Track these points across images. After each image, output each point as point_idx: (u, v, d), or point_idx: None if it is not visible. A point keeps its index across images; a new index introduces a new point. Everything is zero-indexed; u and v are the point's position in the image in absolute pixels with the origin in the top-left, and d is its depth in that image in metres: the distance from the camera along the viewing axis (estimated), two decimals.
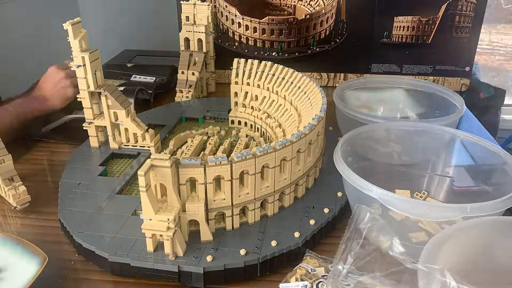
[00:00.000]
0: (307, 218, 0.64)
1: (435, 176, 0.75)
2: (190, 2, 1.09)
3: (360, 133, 0.74)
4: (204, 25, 1.08)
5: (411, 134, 0.78)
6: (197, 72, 1.08)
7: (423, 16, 1.16)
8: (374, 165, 0.75)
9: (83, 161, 0.80)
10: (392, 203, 0.57)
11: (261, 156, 0.60)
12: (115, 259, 0.57)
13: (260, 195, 0.62)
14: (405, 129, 0.78)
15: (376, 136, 0.76)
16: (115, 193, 0.70)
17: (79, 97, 0.80)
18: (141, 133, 0.81)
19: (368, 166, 0.73)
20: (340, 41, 1.23)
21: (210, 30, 1.10)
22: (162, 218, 0.55)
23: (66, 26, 0.72)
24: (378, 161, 0.77)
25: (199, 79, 1.09)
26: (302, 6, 1.21)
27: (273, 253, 0.58)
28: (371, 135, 0.76)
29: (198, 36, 1.09)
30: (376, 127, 0.77)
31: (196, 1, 1.09)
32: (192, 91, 1.07)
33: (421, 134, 0.77)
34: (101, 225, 0.63)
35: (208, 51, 1.12)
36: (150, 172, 0.54)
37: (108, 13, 1.73)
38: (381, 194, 0.57)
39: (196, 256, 0.57)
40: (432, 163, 0.77)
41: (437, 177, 0.75)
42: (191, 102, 1.05)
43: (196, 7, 1.09)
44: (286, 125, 0.82)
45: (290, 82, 0.86)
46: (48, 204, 0.73)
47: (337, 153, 0.66)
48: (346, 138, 0.71)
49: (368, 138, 0.75)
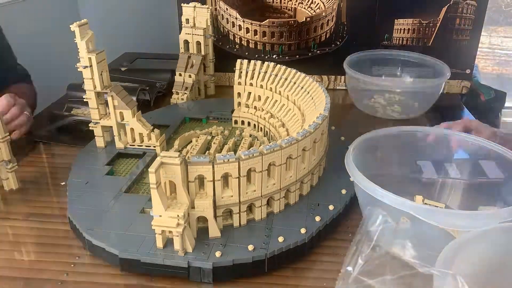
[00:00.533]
0: (313, 215, 0.65)
1: (448, 181, 0.74)
2: (190, 5, 1.10)
3: (370, 138, 0.72)
4: (203, 28, 1.09)
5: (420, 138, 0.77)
6: (194, 75, 1.09)
7: (424, 18, 1.18)
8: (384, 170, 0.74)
9: (89, 161, 0.81)
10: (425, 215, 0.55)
11: (267, 154, 0.61)
12: (125, 256, 0.58)
13: (266, 192, 0.64)
14: (414, 133, 0.77)
15: (385, 141, 0.75)
16: (122, 192, 0.71)
17: (85, 98, 0.81)
18: (147, 133, 0.82)
19: (378, 171, 0.70)
20: (340, 43, 1.24)
21: (209, 33, 1.12)
22: (171, 215, 0.56)
23: (73, 28, 0.73)
24: (388, 166, 0.76)
25: (195, 81, 1.10)
26: (302, 9, 1.22)
27: (280, 249, 0.59)
28: (380, 140, 0.74)
29: (197, 38, 1.10)
30: (386, 132, 0.75)
31: (196, 4, 1.10)
32: (188, 93, 1.08)
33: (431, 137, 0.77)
34: (110, 223, 0.64)
35: (207, 53, 1.13)
36: (160, 170, 0.55)
37: (109, 15, 1.75)
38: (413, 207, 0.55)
39: (205, 252, 0.58)
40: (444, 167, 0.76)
41: (450, 181, 0.74)
42: (185, 104, 1.06)
43: (196, 9, 1.10)
44: (289, 124, 0.83)
45: (293, 82, 0.87)
46: (52, 206, 0.74)
47: (349, 158, 0.64)
48: (356, 144, 0.69)
49: (378, 143, 0.74)
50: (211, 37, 1.13)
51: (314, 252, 0.63)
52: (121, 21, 1.75)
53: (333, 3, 1.19)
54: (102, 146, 0.85)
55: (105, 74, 0.80)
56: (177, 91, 1.09)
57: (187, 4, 1.11)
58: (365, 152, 0.70)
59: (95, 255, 0.62)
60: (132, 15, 1.75)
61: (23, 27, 1.45)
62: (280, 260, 0.60)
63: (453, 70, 1.22)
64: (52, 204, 0.75)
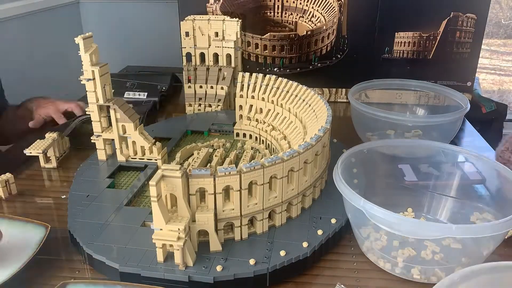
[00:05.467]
0: (315, 229, 0.65)
1: (437, 195, 0.75)
2: (189, 18, 1.11)
3: (360, 150, 0.73)
4: (233, 40, 1.10)
5: (413, 150, 0.78)
6: (226, 87, 1.10)
7: (424, 31, 1.18)
8: (375, 182, 0.75)
9: (91, 174, 0.80)
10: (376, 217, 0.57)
11: (269, 167, 0.61)
12: (125, 269, 0.57)
13: (268, 205, 0.63)
14: (407, 145, 0.79)
15: (377, 153, 0.76)
16: (123, 205, 0.71)
17: (88, 111, 0.81)
18: (149, 146, 0.82)
19: (369, 184, 0.72)
20: (341, 56, 1.25)
21: (238, 45, 1.13)
22: (172, 228, 0.56)
23: (78, 40, 0.74)
24: (379, 178, 0.77)
25: (228, 93, 1.11)
26: (303, 23, 1.23)
27: (282, 263, 0.59)
28: (372, 153, 0.75)
29: (227, 51, 1.11)
30: (378, 144, 0.76)
31: (225, 18, 1.11)
32: (221, 105, 1.10)
33: (423, 150, 0.78)
34: (111, 236, 0.64)
35: (236, 65, 1.14)
36: (161, 182, 0.55)
37: (111, 29, 1.76)
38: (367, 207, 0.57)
39: (206, 266, 0.57)
40: (434, 181, 0.77)
41: (441, 196, 0.75)
42: (219, 112, 1.09)
43: (225, 23, 1.11)
44: (291, 137, 0.83)
45: (294, 95, 0.87)
46: (53, 218, 0.73)
47: (337, 170, 0.65)
48: (346, 155, 0.70)
49: (369, 155, 0.74)
50: (240, 49, 1.14)
51: (317, 266, 0.63)
52: (123, 34, 1.77)
53: (333, 16, 1.20)
54: (103, 159, 0.85)
55: (108, 87, 0.81)
56: (190, 103, 1.11)
57: (185, 21, 1.11)
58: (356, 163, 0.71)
59: (95, 268, 0.61)
60: (134, 28, 1.77)
61: (28, 40, 1.47)
62: (282, 274, 0.59)
63: (453, 83, 1.23)
64: (52, 217, 0.75)
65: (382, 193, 0.72)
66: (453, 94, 0.99)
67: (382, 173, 0.78)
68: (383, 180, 0.77)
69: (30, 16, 1.51)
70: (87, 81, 0.77)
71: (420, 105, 1.08)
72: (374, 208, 0.57)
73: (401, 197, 0.75)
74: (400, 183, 0.76)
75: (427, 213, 0.74)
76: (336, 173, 0.65)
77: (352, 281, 0.60)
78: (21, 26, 1.47)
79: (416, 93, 1.07)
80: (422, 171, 0.77)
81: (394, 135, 0.93)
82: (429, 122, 0.91)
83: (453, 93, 0.99)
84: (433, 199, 0.74)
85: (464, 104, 0.93)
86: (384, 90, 1.07)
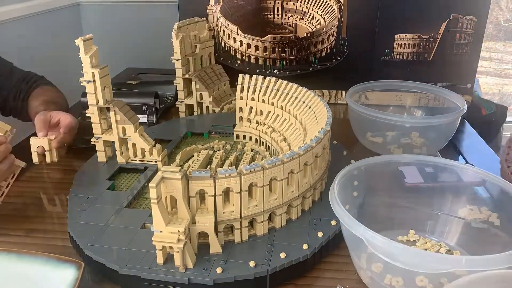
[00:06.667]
0: (315, 231, 0.65)
1: (441, 215, 0.70)
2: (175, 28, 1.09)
3: (358, 167, 0.68)
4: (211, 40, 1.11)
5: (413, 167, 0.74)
6: None
7: (424, 33, 1.18)
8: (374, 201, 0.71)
9: (91, 176, 0.80)
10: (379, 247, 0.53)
11: (269, 169, 0.61)
12: (125, 272, 0.57)
13: (268, 207, 0.63)
14: (406, 162, 0.74)
15: (376, 170, 0.71)
16: (123, 207, 0.71)
17: (87, 113, 0.81)
18: (149, 148, 0.82)
19: (367, 203, 0.69)
20: (341, 58, 1.25)
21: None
22: (172, 230, 0.55)
23: (78, 42, 0.74)
24: (378, 196, 0.72)
25: None
26: (303, 24, 1.23)
27: (282, 265, 0.58)
28: (371, 169, 0.70)
29: (209, 50, 1.12)
30: (377, 160, 0.71)
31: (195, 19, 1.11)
32: None
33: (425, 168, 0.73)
34: (111, 238, 0.63)
35: None
36: (161, 184, 0.55)
37: (111, 31, 1.77)
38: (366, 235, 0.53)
39: (206, 268, 0.57)
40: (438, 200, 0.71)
41: (444, 216, 0.70)
42: None
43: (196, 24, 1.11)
44: (291, 139, 0.83)
45: (294, 96, 0.87)
46: (53, 221, 0.74)
47: (333, 191, 0.60)
48: (344, 173, 0.65)
49: (368, 172, 0.70)
50: None
51: (317, 268, 0.63)
52: (123, 36, 1.77)
53: (333, 18, 1.21)
54: (103, 161, 0.85)
55: (108, 89, 0.81)
56: None
57: None
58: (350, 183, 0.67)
59: (95, 271, 0.61)
60: (134, 30, 1.77)
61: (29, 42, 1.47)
62: (282, 276, 0.59)
63: (454, 85, 1.23)
64: (52, 219, 0.75)
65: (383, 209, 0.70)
66: (451, 95, 1.00)
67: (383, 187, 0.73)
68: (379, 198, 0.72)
69: (31, 18, 1.51)
70: (87, 83, 0.77)
71: (419, 107, 1.08)
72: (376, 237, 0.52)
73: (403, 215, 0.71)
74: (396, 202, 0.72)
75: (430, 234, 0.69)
76: (332, 196, 0.60)
77: (352, 283, 0.60)
78: (21, 28, 1.47)
79: (416, 95, 1.07)
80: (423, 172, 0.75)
81: (392, 137, 0.93)
82: (426, 123, 0.92)
83: (451, 94, 1.00)
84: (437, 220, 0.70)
85: (462, 106, 0.93)
86: (384, 92, 1.07)
